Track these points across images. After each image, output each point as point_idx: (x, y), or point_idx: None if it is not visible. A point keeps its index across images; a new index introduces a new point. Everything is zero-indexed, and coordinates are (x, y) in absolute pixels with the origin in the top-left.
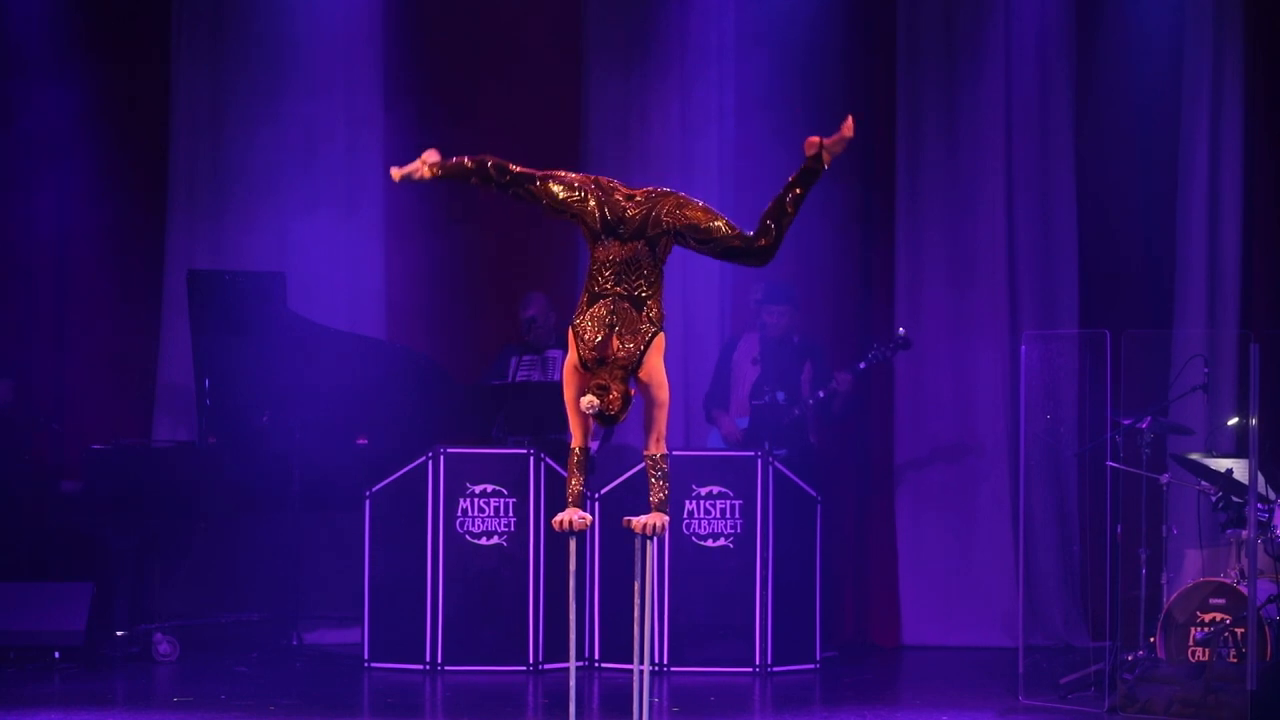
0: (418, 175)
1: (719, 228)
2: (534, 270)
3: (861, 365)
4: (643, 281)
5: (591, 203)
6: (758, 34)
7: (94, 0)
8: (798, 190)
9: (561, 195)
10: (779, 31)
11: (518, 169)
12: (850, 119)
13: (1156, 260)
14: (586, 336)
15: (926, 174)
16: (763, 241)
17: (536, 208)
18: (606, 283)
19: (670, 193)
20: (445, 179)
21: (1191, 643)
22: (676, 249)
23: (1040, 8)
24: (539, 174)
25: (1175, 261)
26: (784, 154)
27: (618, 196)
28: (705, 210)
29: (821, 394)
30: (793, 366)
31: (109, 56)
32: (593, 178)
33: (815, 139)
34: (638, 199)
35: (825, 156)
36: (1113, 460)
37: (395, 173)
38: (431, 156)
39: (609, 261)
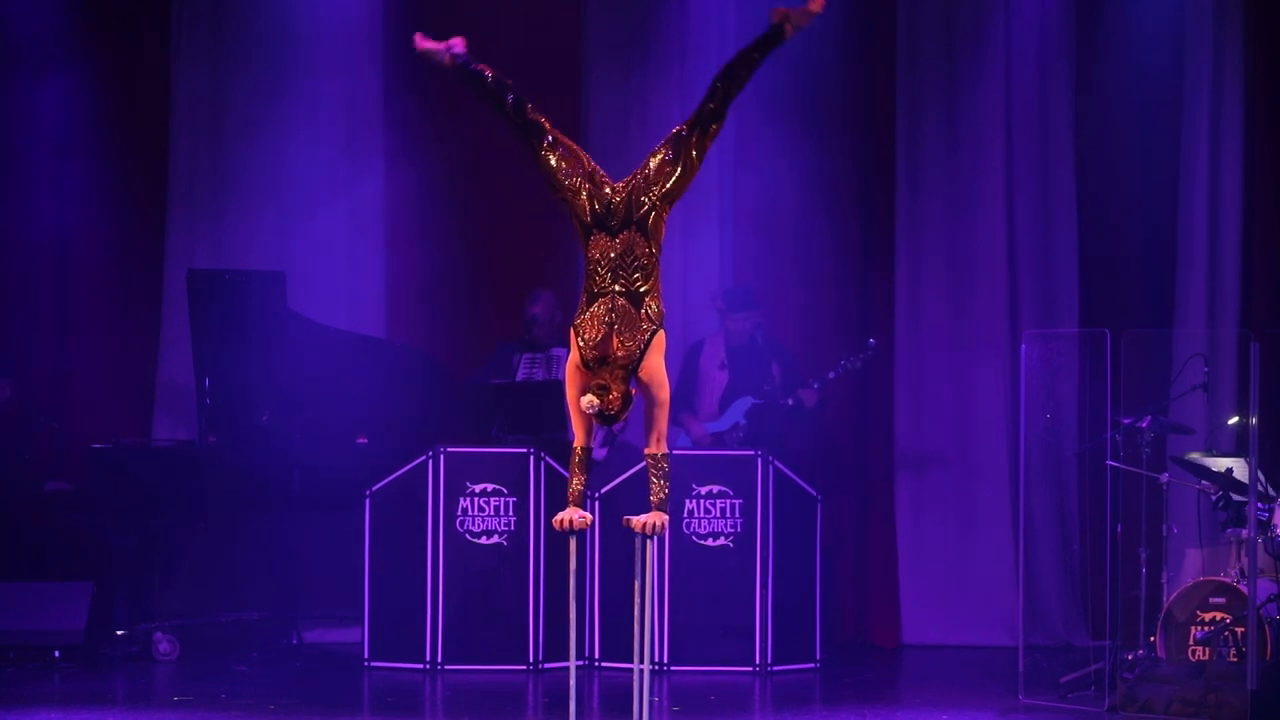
0: (437, 58)
1: (679, 143)
2: (536, 268)
3: (831, 375)
4: (640, 275)
5: (583, 195)
6: (757, 35)
7: (94, 1)
8: (755, 55)
9: (558, 174)
10: None
11: (533, 115)
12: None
13: (1157, 259)
14: (587, 335)
15: (927, 173)
16: (713, 104)
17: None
18: (604, 281)
19: (638, 170)
20: (460, 78)
21: (1192, 642)
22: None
23: (1040, 7)
24: (549, 132)
25: (1175, 260)
26: (784, 154)
27: (605, 189)
28: (663, 148)
29: (790, 402)
30: (761, 369)
31: (109, 56)
32: (591, 166)
33: (782, 9)
34: (618, 187)
35: (788, 29)
36: (1113, 459)
37: (419, 42)
38: (458, 47)
39: (604, 258)
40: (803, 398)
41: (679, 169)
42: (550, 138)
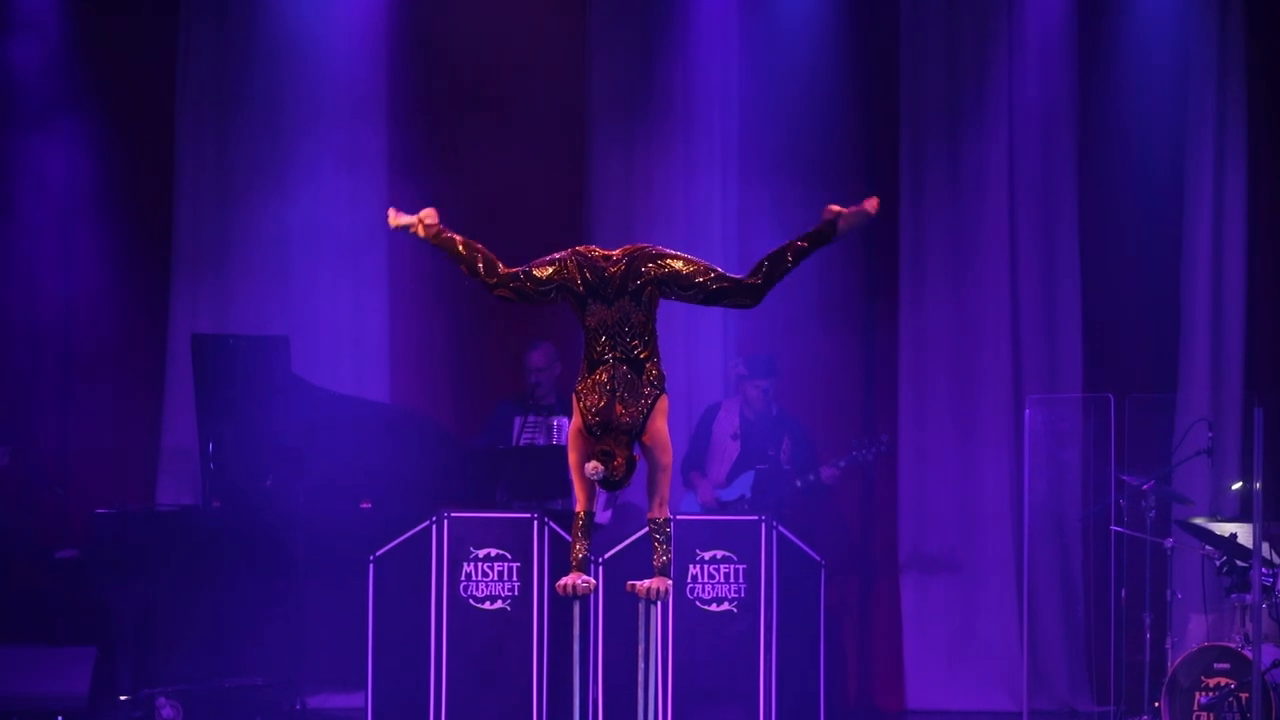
0: (412, 230)
1: (701, 274)
2: (540, 330)
3: (842, 464)
4: (638, 342)
5: (572, 268)
6: (760, 101)
7: (98, 65)
8: (802, 245)
9: (546, 274)
10: (782, 99)
11: (505, 270)
12: (875, 199)
13: (1161, 323)
14: (589, 403)
15: (930, 239)
16: (756, 280)
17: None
18: (603, 349)
19: (647, 247)
20: (435, 246)
21: (1196, 707)
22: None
23: (1042, 74)
24: (522, 269)
25: (1179, 324)
26: (787, 220)
27: (598, 261)
28: (685, 260)
29: (811, 477)
30: (772, 443)
31: (113, 119)
32: (572, 249)
33: (835, 207)
34: (616, 258)
35: (841, 225)
36: (1117, 524)
37: (392, 218)
38: (430, 218)
39: (601, 327)
40: (823, 474)
41: (684, 285)
42: (524, 270)
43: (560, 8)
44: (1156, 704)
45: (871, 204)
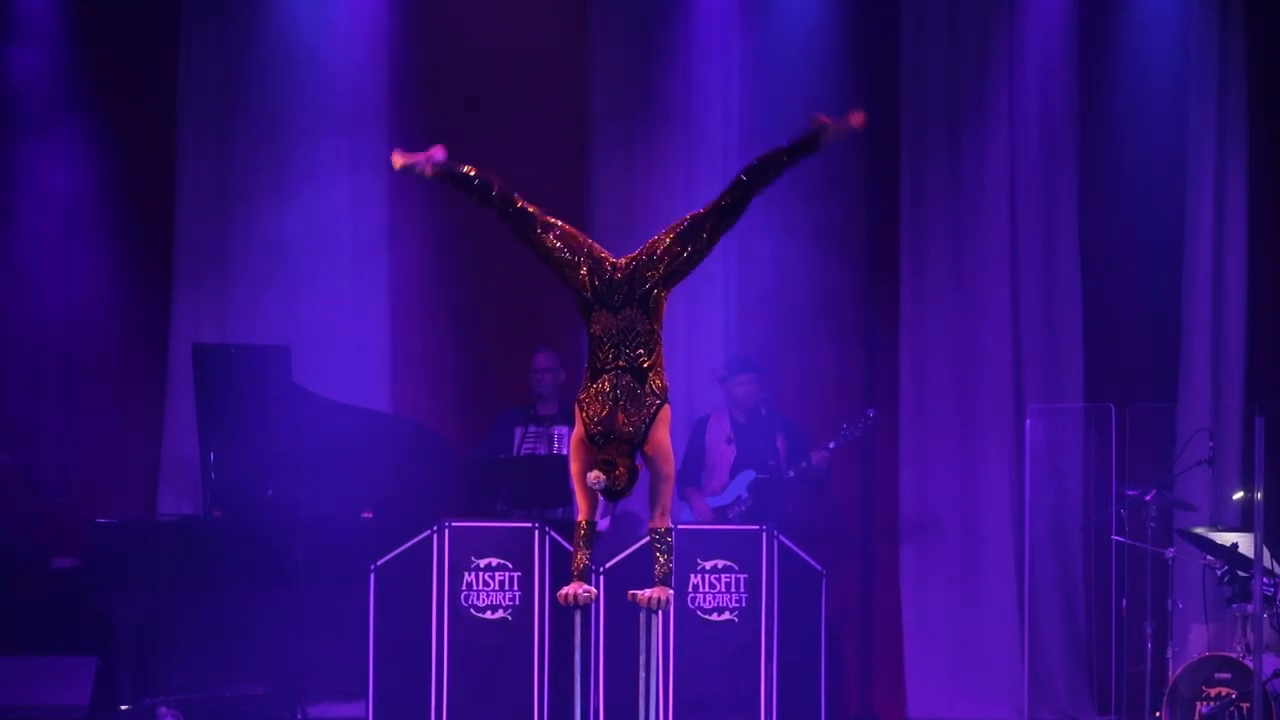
0: (419, 169)
1: (690, 233)
2: (541, 338)
3: (832, 445)
4: (643, 350)
5: (584, 270)
6: (760, 101)
7: (99, 71)
8: (785, 159)
9: (555, 253)
10: (782, 99)
11: (521, 204)
12: (863, 114)
13: (1161, 332)
14: (591, 412)
15: (931, 246)
16: (729, 200)
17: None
18: (607, 357)
19: (642, 248)
20: (444, 182)
21: (1197, 717)
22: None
23: (1043, 77)
24: (540, 219)
25: (1180, 334)
26: (788, 219)
27: (606, 266)
28: (673, 237)
29: (804, 464)
30: (767, 443)
31: (113, 128)
32: (588, 243)
33: (823, 117)
34: (620, 264)
35: (825, 138)
36: (1118, 534)
37: (397, 159)
38: (438, 154)
39: (606, 335)
40: (813, 459)
41: (687, 253)
42: (542, 223)
43: (560, 10)
44: (1158, 714)
45: (858, 119)
